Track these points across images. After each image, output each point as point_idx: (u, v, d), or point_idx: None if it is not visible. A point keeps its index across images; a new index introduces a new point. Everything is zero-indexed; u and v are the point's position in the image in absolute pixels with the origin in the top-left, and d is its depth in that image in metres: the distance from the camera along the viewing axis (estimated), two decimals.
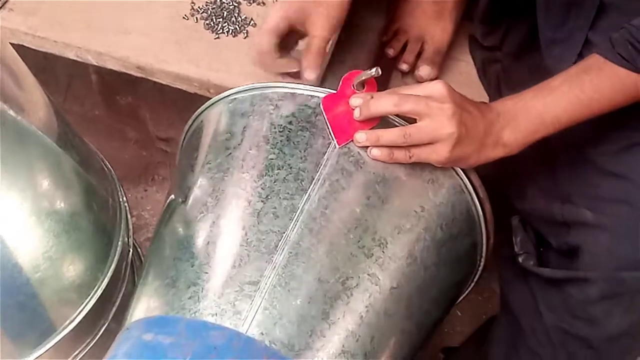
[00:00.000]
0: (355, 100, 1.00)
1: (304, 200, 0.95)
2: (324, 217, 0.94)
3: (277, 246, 0.92)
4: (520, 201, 1.10)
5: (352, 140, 1.00)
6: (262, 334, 0.86)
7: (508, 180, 1.13)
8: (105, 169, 1.18)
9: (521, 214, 1.11)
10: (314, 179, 0.97)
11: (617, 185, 0.98)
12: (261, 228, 0.93)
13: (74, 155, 1.03)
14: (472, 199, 1.06)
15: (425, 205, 1.01)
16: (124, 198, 1.17)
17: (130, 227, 1.18)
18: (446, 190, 1.03)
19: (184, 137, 1.16)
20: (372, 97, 0.98)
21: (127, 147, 1.71)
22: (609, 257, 0.97)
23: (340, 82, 1.04)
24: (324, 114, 1.02)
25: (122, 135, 1.71)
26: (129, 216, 1.17)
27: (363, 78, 1.04)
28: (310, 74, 1.12)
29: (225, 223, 0.96)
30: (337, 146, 0.99)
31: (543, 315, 1.04)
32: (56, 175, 1.00)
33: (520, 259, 1.09)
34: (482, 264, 1.13)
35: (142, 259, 1.37)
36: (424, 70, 1.21)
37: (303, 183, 0.96)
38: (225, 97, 1.09)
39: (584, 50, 1.05)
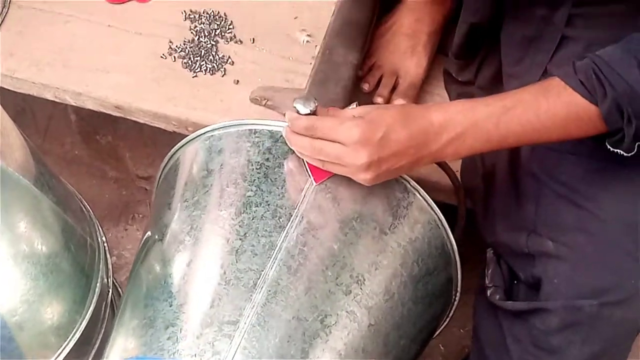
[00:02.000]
0: (290, 116, 0.96)
1: (282, 238, 0.95)
2: (302, 255, 0.94)
3: (255, 285, 0.91)
4: (490, 234, 1.10)
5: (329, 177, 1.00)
6: None
7: (478, 214, 1.13)
8: (84, 209, 1.17)
9: (493, 247, 1.12)
10: (291, 216, 0.97)
11: (576, 214, 0.99)
12: (240, 266, 0.93)
13: (51, 196, 1.03)
14: (446, 234, 1.06)
15: (402, 241, 1.01)
16: (103, 238, 1.17)
17: (110, 267, 1.17)
18: (422, 225, 1.04)
19: (160, 175, 1.16)
20: (306, 125, 0.95)
21: (107, 186, 1.70)
22: (568, 286, 0.98)
23: None
24: None
25: (103, 174, 1.71)
26: (108, 256, 1.17)
27: None
28: None
29: (203, 261, 0.96)
30: (314, 183, 1.00)
31: (509, 349, 1.04)
32: (33, 216, 0.99)
33: (488, 292, 1.09)
34: (457, 298, 1.13)
35: None
36: (398, 103, 1.22)
37: (281, 220, 0.97)
38: (201, 134, 1.09)
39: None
